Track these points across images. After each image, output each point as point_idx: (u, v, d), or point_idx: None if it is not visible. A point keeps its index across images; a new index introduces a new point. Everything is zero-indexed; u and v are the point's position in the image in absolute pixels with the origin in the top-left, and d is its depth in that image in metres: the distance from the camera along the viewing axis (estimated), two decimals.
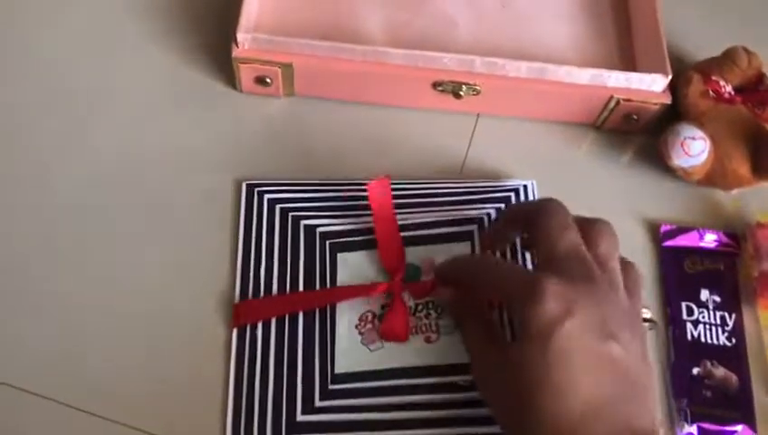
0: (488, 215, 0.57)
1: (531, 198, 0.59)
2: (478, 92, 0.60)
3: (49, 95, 0.61)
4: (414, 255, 0.54)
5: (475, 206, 0.57)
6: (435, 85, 0.60)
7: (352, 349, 0.51)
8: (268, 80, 0.60)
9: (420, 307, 0.52)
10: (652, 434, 0.41)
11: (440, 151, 0.62)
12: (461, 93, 0.60)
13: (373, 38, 0.63)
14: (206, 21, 0.66)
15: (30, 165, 0.58)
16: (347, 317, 0.52)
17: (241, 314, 0.52)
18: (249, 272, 0.54)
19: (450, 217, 0.56)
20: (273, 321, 0.52)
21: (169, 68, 0.63)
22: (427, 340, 0.51)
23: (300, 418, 0.49)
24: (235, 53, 0.58)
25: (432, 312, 0.52)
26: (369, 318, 0.52)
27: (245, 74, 0.60)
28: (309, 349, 0.51)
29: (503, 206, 0.58)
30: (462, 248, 0.55)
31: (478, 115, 0.64)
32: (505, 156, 0.62)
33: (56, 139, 0.59)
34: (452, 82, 0.59)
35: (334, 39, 0.58)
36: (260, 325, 0.52)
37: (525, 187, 0.59)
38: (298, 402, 0.49)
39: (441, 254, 0.54)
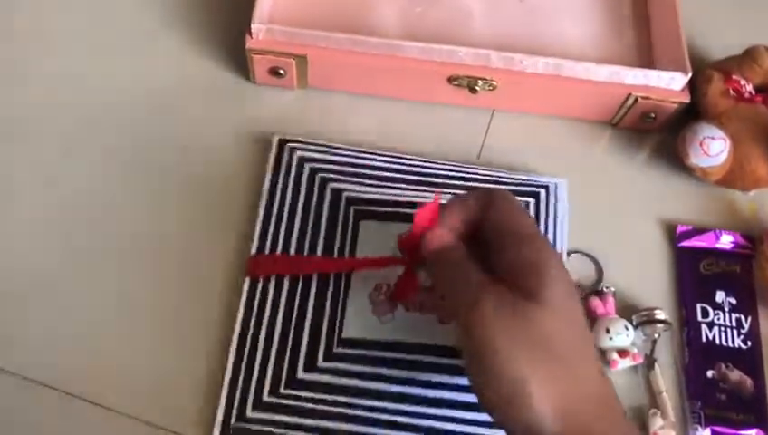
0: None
1: (559, 198, 0.57)
2: (494, 88, 0.59)
3: (61, 93, 0.61)
4: None
5: None
6: (450, 80, 0.59)
7: (362, 317, 0.51)
8: (282, 71, 0.59)
9: None
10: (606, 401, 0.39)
11: (454, 146, 0.61)
12: (477, 88, 0.59)
13: (388, 30, 0.62)
14: (220, 13, 0.65)
15: (53, 148, 0.58)
16: (362, 285, 0.52)
17: (254, 267, 0.52)
18: (269, 227, 0.54)
19: None
20: (287, 277, 0.52)
21: (183, 60, 0.63)
22: (441, 321, 0.51)
23: (300, 374, 0.49)
24: (249, 44, 0.57)
25: None
26: (384, 289, 0.52)
27: (259, 66, 0.59)
28: (319, 310, 0.51)
29: (532, 200, 0.57)
30: None
31: (493, 111, 0.63)
32: (520, 153, 0.61)
33: (74, 134, 0.59)
34: (468, 76, 0.58)
35: (348, 31, 0.58)
36: (273, 279, 0.52)
37: (556, 185, 0.58)
38: (301, 359, 0.50)
39: None
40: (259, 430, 0.48)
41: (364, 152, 0.57)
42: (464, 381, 0.49)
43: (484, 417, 0.46)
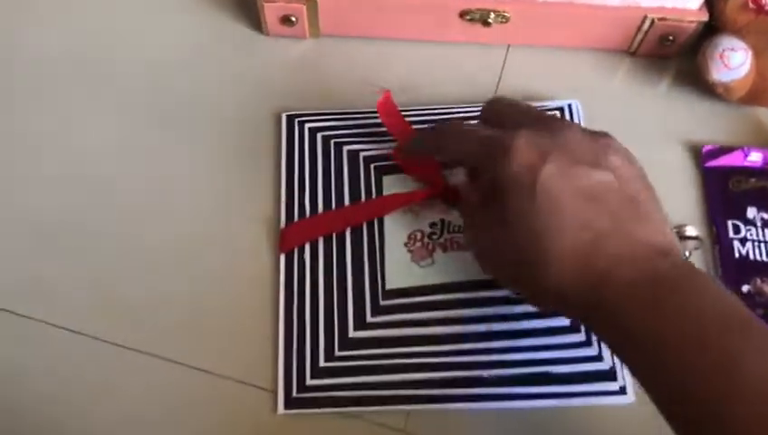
0: None
1: (576, 119, 0.57)
2: (507, 20, 0.59)
3: (78, 47, 0.62)
4: (458, 172, 0.53)
5: None
6: (462, 14, 0.59)
7: (402, 266, 0.51)
8: (293, 18, 0.59)
9: None
10: (670, 248, 0.39)
11: (471, 83, 0.60)
12: (489, 21, 0.59)
13: None
14: None
15: (60, 115, 0.59)
16: (396, 236, 0.52)
17: (287, 238, 0.53)
18: (294, 199, 0.54)
19: None
20: (321, 244, 0.52)
21: (196, 15, 0.63)
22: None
23: (352, 334, 0.49)
24: None
25: None
26: (419, 237, 0.52)
27: (270, 14, 0.59)
28: (358, 269, 0.51)
29: None
30: None
31: (509, 46, 0.62)
32: (539, 87, 0.60)
33: (88, 85, 0.60)
34: (479, 9, 0.58)
35: None
36: (308, 249, 0.52)
37: (570, 106, 0.58)
38: (350, 319, 0.50)
39: None
40: (323, 396, 0.48)
41: (371, 112, 0.57)
42: (515, 309, 0.49)
43: (544, 340, 0.48)
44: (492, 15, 0.58)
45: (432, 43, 0.62)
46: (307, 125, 0.57)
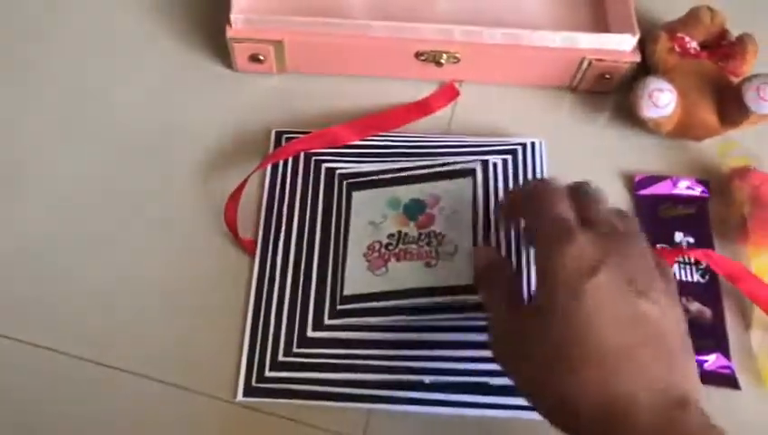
0: (491, 163, 0.60)
1: (538, 158, 0.62)
2: (458, 60, 0.64)
3: (50, 89, 0.66)
4: (419, 191, 0.59)
5: (477, 155, 0.61)
6: (417, 55, 0.64)
7: (360, 274, 0.56)
8: (261, 57, 0.64)
9: (423, 236, 0.56)
10: (690, 399, 0.38)
11: (426, 118, 0.65)
12: (442, 62, 0.64)
13: (358, 13, 0.67)
14: (201, 5, 0.70)
15: (37, 148, 0.63)
16: (358, 246, 0.57)
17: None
18: (273, 208, 0.60)
19: (453, 160, 0.60)
20: (293, 249, 0.58)
21: (168, 52, 0.68)
22: (428, 264, 0.55)
23: (310, 334, 0.55)
24: (230, 33, 0.62)
25: (433, 240, 0.56)
26: (377, 247, 0.57)
27: (240, 53, 0.64)
28: (322, 274, 0.57)
29: (509, 157, 0.62)
30: (465, 184, 0.58)
31: (461, 83, 0.68)
32: (488, 121, 0.65)
33: (59, 123, 0.64)
34: (433, 51, 0.63)
35: (322, 15, 0.62)
36: (280, 253, 0.58)
37: (534, 144, 0.63)
38: (310, 319, 0.55)
39: (444, 190, 0.58)
40: (278, 387, 0.53)
41: None
42: (457, 317, 0.54)
43: (485, 353, 0.51)
44: (444, 56, 0.63)
45: (391, 78, 0.67)
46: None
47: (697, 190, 0.62)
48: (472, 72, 0.66)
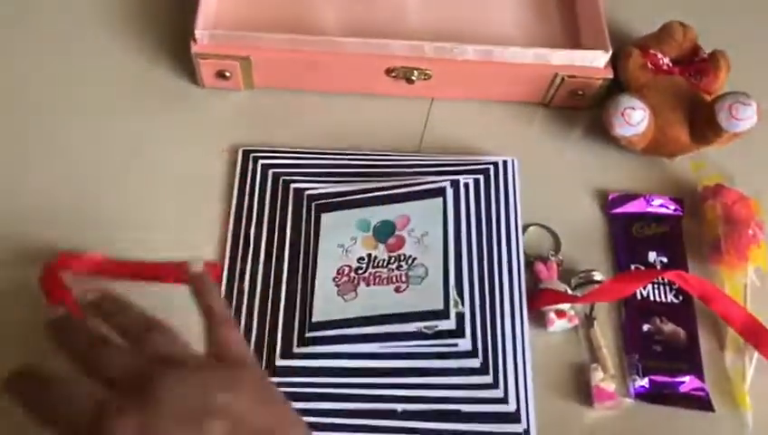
0: (462, 183, 0.59)
1: (511, 178, 0.61)
2: (429, 77, 0.63)
3: (13, 100, 0.64)
4: (388, 212, 0.57)
5: (448, 175, 0.60)
6: (388, 72, 0.62)
7: (329, 299, 0.54)
8: (227, 73, 0.62)
9: (393, 259, 0.55)
10: None
11: (398, 133, 0.64)
12: (413, 78, 0.63)
13: (329, 30, 0.65)
14: (167, 21, 0.68)
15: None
16: (327, 270, 0.56)
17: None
18: (240, 229, 0.58)
19: (423, 180, 0.59)
20: (260, 275, 0.56)
21: (133, 68, 0.66)
22: (397, 289, 0.54)
23: (279, 362, 0.53)
24: (194, 48, 0.61)
25: (403, 264, 0.55)
26: (346, 271, 0.55)
27: (206, 69, 0.62)
28: (291, 300, 0.55)
29: (481, 177, 0.61)
30: (435, 204, 0.57)
31: (432, 99, 0.66)
32: (460, 138, 0.65)
33: (28, 137, 0.62)
34: (403, 67, 0.62)
35: (292, 31, 0.61)
36: (247, 278, 0.56)
37: (505, 163, 0.62)
38: (278, 348, 0.54)
39: (414, 210, 0.57)
40: None
41: (319, 153, 0.62)
42: (427, 345, 0.53)
43: (457, 380, 0.51)
44: (415, 73, 0.62)
45: (361, 95, 0.66)
46: (261, 161, 0.61)
47: (671, 208, 0.62)
48: (443, 88, 0.65)
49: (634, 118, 0.59)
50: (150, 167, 0.62)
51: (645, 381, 0.54)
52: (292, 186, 0.60)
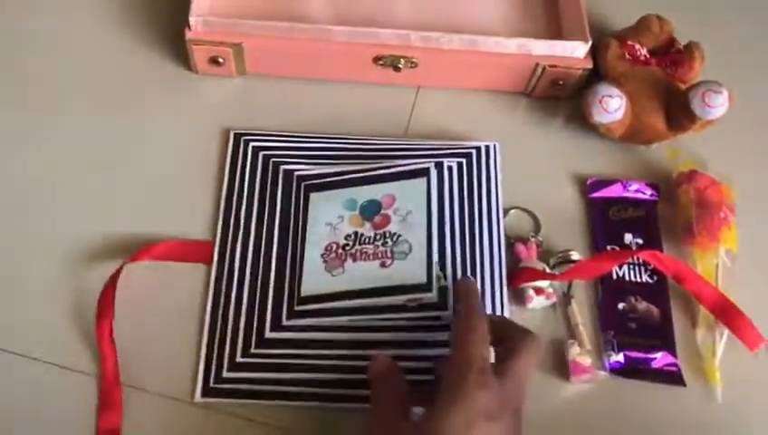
0: (446, 166, 0.62)
1: (492, 161, 0.64)
2: (416, 65, 0.65)
3: (11, 87, 0.66)
4: (375, 192, 0.59)
5: (433, 157, 0.63)
6: (376, 60, 0.65)
7: (317, 274, 0.56)
8: (221, 60, 0.64)
9: (378, 236, 0.57)
10: None
11: (385, 119, 0.67)
12: (400, 66, 0.65)
13: (319, 18, 0.68)
14: (163, 8, 0.70)
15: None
16: (316, 247, 0.58)
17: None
18: (231, 211, 0.60)
19: (408, 162, 0.61)
20: (251, 250, 0.58)
21: (127, 53, 0.68)
22: (383, 265, 0.56)
23: (268, 335, 0.55)
24: (188, 35, 0.63)
25: (389, 240, 0.57)
26: (334, 248, 0.57)
27: (199, 55, 0.64)
28: (280, 275, 0.57)
29: (464, 160, 0.63)
30: (420, 185, 0.59)
31: (419, 87, 0.69)
32: (445, 125, 0.67)
33: (29, 127, 0.64)
34: (391, 56, 0.64)
35: (283, 19, 0.63)
36: (238, 255, 0.58)
37: (488, 147, 0.64)
38: (268, 321, 0.56)
39: (399, 190, 0.59)
40: (236, 388, 0.54)
41: (309, 137, 0.64)
42: (412, 318, 0.55)
43: (442, 351, 0.53)
44: (402, 61, 0.64)
45: (350, 82, 0.68)
46: (252, 144, 0.63)
47: (647, 193, 0.64)
48: (429, 76, 0.67)
49: (611, 105, 0.62)
50: (145, 149, 0.63)
51: (620, 357, 0.57)
52: (282, 167, 0.62)
